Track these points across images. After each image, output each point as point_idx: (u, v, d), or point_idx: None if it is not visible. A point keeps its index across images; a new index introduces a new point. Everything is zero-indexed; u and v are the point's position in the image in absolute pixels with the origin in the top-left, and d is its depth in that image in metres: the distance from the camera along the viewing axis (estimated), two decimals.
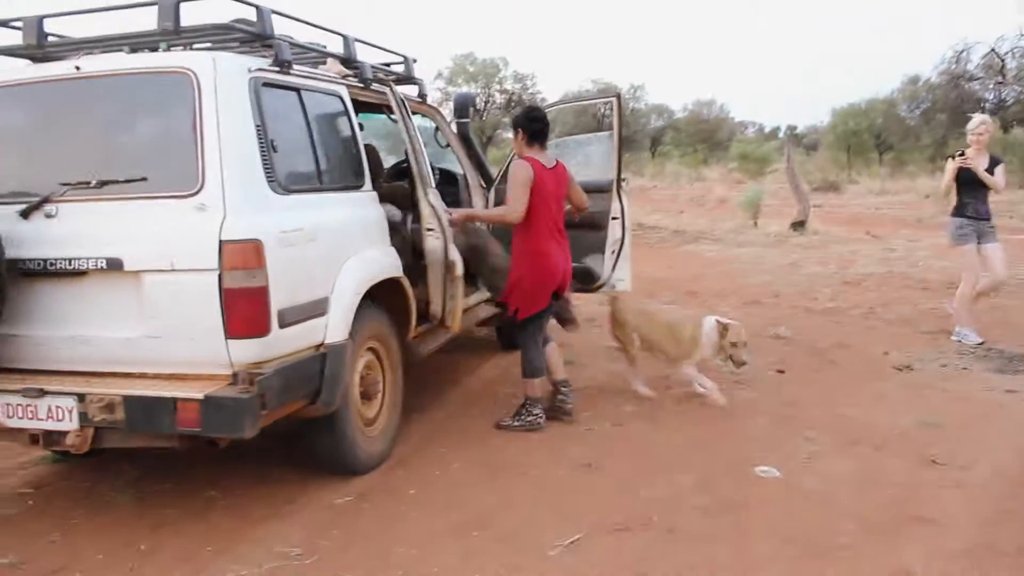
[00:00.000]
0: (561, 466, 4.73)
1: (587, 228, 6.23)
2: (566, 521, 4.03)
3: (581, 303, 8.23)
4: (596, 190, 6.12)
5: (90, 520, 4.19)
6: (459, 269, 5.27)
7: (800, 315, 8.96)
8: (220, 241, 3.64)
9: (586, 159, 6.78)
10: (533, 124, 5.39)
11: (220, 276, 3.64)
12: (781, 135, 62.22)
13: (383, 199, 5.23)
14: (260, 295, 3.70)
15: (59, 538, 3.99)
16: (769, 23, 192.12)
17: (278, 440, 5.06)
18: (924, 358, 6.97)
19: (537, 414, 5.39)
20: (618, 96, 6.91)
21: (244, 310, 3.67)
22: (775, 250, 14.51)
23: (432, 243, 5.21)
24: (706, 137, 53.43)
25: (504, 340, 7.38)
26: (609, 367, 6.66)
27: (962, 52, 33.22)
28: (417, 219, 5.50)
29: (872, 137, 40.20)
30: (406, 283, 5.01)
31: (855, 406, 5.60)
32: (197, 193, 3.73)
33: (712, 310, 7.60)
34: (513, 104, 35.11)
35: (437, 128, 6.81)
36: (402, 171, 6.72)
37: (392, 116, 6.17)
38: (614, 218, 6.41)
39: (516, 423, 5.39)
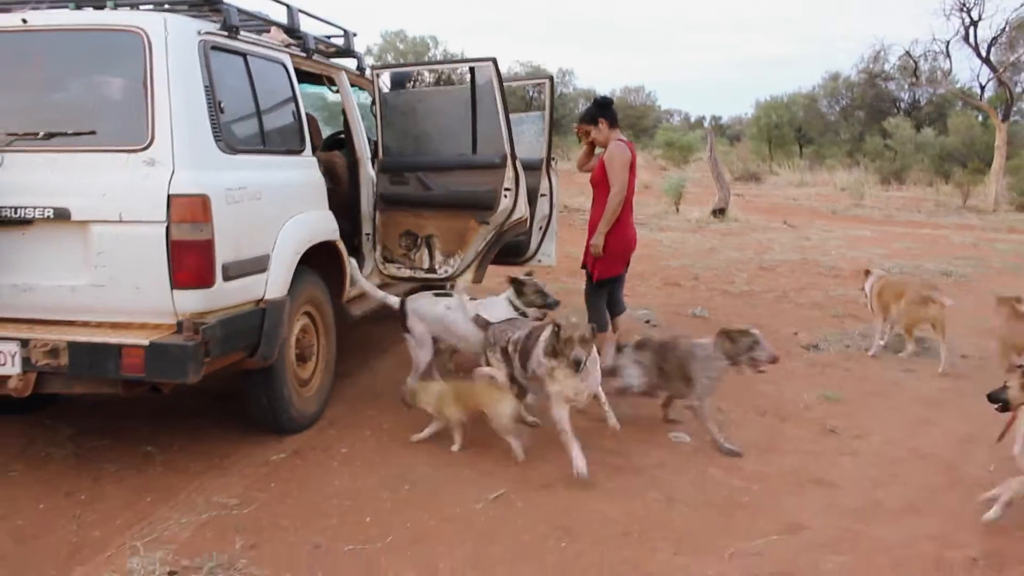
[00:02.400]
0: (488, 428, 4.93)
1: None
2: (492, 479, 4.26)
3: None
4: (527, 168, 6.30)
5: (29, 474, 4.25)
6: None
7: (717, 297, 9.35)
8: (169, 195, 3.75)
9: (518, 137, 6.96)
10: (609, 110, 5.93)
11: (168, 228, 3.75)
12: (706, 124, 63.28)
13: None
14: (206, 248, 3.82)
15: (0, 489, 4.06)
16: (698, 13, 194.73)
17: (213, 400, 5.19)
18: (830, 339, 7.39)
19: None
20: (551, 79, 7.15)
21: (190, 262, 3.79)
22: (695, 235, 14.95)
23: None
24: (632, 123, 53.91)
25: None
26: None
27: (879, 52, 34.42)
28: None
29: (793, 130, 41.29)
30: (341, 246, 5.17)
31: (765, 382, 5.91)
32: (147, 148, 3.82)
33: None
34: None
35: (373, 101, 6.91)
36: (339, 141, 6.84)
37: (332, 87, 6.29)
38: (542, 195, 6.64)
39: None
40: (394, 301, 5.60)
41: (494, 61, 5.51)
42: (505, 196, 5.51)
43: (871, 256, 12.48)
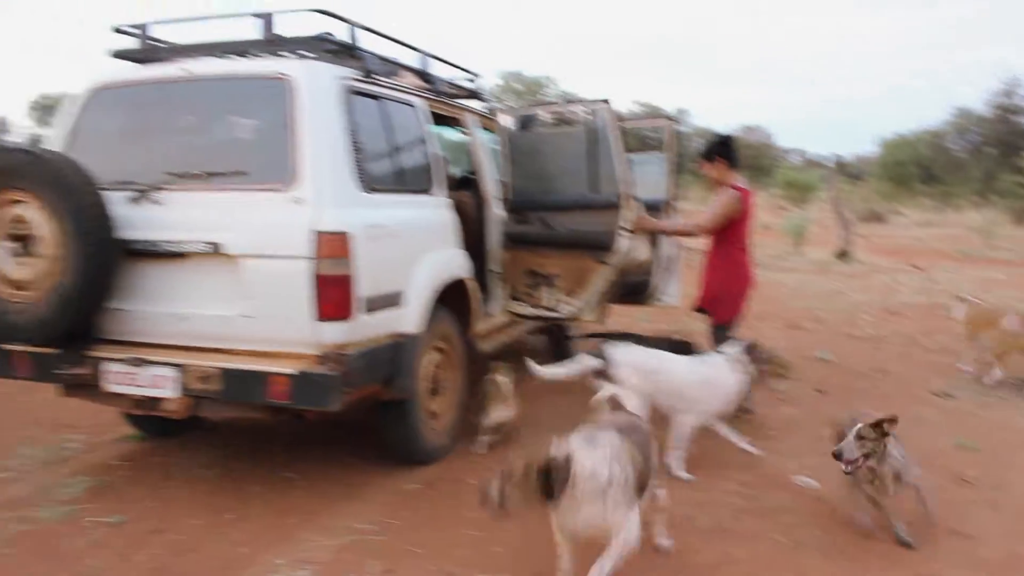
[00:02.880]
0: None
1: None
2: None
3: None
4: (649, 209, 6.38)
5: (181, 490, 4.57)
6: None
7: (841, 340, 9.12)
8: (314, 232, 3.99)
9: (640, 178, 7.04)
10: (730, 151, 5.91)
11: (312, 263, 3.98)
12: (827, 163, 61.73)
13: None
14: (347, 283, 4.05)
15: (156, 505, 4.37)
16: (815, 50, 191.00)
17: (345, 432, 5.42)
18: (963, 387, 7.13)
19: None
20: (670, 119, 7.25)
21: (333, 295, 4.01)
22: (818, 277, 14.62)
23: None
24: (750, 162, 53.19)
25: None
26: None
27: (1012, 86, 32.96)
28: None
29: (919, 169, 39.88)
30: (471, 284, 5.34)
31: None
32: (293, 187, 4.08)
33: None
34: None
35: (500, 142, 7.11)
36: (468, 181, 7.06)
37: (463, 129, 6.54)
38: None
39: None
40: (592, 362, 4.94)
41: (607, 102, 5.65)
42: (623, 236, 5.59)
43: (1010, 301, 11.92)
